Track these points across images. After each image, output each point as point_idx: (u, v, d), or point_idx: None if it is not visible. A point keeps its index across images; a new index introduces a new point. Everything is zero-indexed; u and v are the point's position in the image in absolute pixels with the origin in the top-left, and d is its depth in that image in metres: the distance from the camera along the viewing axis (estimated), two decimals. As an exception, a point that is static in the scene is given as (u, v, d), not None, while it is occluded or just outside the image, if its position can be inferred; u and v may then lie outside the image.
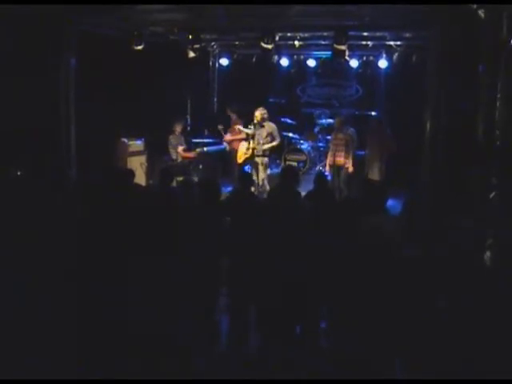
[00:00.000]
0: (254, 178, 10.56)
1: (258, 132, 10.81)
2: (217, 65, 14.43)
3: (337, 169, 10.57)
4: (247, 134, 11.00)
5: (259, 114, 10.75)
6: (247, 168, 11.04)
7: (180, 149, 11.74)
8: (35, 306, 5.42)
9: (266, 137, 10.71)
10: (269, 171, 11.16)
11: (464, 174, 8.00)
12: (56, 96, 9.72)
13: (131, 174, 7.33)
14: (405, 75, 11.99)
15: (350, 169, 10.46)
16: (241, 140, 11.43)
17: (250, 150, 10.81)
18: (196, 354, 5.48)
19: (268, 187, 10.38)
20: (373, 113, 13.22)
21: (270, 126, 10.81)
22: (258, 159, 10.77)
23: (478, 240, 6.78)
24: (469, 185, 7.53)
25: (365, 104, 13.62)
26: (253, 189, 10.31)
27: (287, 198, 6.36)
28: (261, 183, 10.70)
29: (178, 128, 11.91)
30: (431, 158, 10.66)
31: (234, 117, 12.10)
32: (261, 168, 10.74)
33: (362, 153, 11.21)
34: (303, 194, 6.94)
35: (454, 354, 4.61)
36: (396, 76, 12.46)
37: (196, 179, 10.74)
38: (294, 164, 12.64)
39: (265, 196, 9.48)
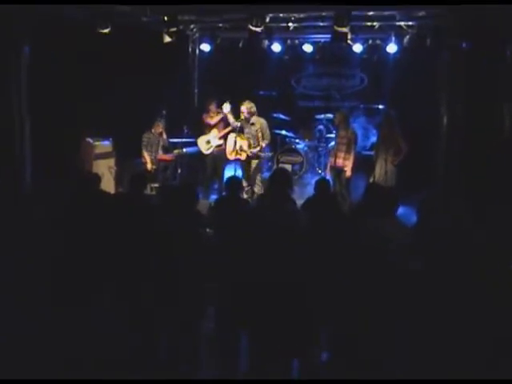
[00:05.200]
0: (245, 183, 10.62)
1: (246, 131, 10.80)
2: (197, 51, 14.31)
3: (337, 172, 10.54)
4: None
5: (246, 108, 10.74)
6: (232, 169, 11.03)
7: (160, 154, 11.80)
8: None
9: (257, 135, 10.72)
10: (259, 175, 11.16)
11: (485, 177, 7.98)
12: (7, 90, 9.65)
13: (97, 179, 7.28)
14: (418, 62, 11.99)
15: (348, 173, 10.44)
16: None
17: (245, 154, 10.84)
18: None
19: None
20: (380, 106, 13.24)
21: (259, 123, 10.81)
22: (251, 161, 10.87)
23: (499, 252, 6.76)
24: (491, 190, 7.51)
25: (371, 96, 13.63)
26: (245, 196, 10.34)
27: (279, 207, 6.28)
28: (247, 188, 10.74)
29: (158, 127, 11.90)
30: (447, 158, 10.68)
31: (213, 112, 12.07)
32: (254, 168, 10.83)
33: (370, 153, 11.20)
34: (299, 202, 6.87)
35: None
36: (407, 63, 12.43)
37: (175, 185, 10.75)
38: (289, 166, 12.62)
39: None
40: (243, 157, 10.84)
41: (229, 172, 11.09)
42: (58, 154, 10.13)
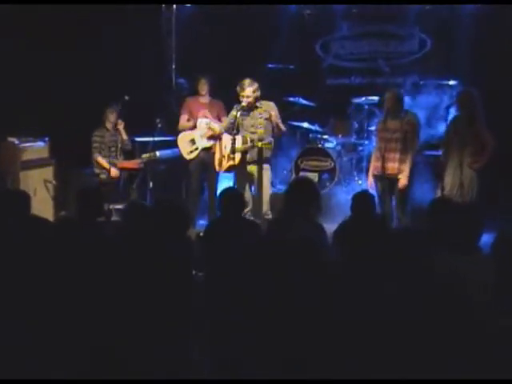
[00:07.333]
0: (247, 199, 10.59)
1: (249, 122, 10.77)
2: (174, 7, 14.43)
3: (388, 182, 10.50)
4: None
5: (249, 90, 10.69)
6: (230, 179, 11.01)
7: (120, 161, 11.83)
8: None
9: (266, 126, 10.70)
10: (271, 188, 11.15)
11: None
12: None
13: (25, 198, 7.28)
14: (509, 16, 11.99)
15: (404, 181, 10.38)
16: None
17: (239, 155, 10.72)
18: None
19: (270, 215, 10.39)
20: (451, 82, 13.19)
21: (268, 106, 10.83)
22: (253, 167, 10.80)
23: None
24: None
25: (437, 67, 13.58)
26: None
27: (299, 235, 6.27)
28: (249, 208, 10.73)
29: (112, 119, 11.94)
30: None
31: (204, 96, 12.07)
32: (265, 180, 10.80)
33: (437, 153, 11.18)
34: (330, 228, 6.88)
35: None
36: (493, 17, 12.44)
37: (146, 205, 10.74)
38: (314, 175, 12.62)
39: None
40: (236, 161, 10.69)
41: (225, 184, 10.97)
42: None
